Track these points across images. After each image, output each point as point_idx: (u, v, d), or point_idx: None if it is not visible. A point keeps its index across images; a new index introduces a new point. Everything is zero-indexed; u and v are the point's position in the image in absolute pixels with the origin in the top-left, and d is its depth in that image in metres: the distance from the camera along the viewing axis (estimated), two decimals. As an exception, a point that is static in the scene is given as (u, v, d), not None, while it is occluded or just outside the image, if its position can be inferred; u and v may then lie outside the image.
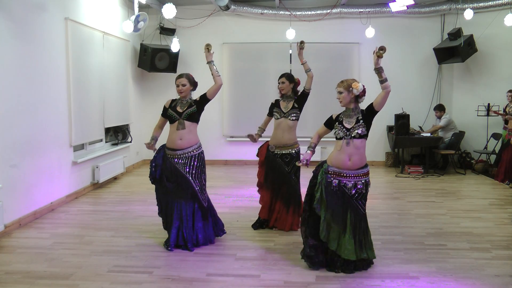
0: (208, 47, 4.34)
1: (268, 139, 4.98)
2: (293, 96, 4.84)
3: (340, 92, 3.69)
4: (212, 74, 4.33)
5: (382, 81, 3.59)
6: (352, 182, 3.63)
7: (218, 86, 4.33)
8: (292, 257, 4.02)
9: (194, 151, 4.30)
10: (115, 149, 7.61)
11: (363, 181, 3.66)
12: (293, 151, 4.81)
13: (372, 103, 3.68)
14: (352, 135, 3.63)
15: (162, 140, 4.40)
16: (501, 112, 7.65)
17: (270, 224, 4.87)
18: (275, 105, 4.88)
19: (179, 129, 4.24)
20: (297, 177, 4.84)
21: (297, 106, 4.78)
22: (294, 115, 4.77)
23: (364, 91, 3.69)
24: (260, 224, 4.90)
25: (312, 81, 4.77)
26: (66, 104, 6.03)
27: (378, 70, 3.57)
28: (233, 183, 7.29)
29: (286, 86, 4.80)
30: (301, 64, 4.77)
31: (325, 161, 3.78)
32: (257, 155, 5.05)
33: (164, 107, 4.42)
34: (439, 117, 8.48)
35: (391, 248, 4.25)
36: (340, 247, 3.63)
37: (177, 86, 4.32)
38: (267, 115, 5.02)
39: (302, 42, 4.81)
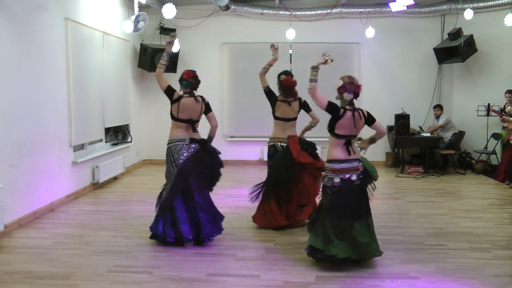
0: (172, 35, 4.40)
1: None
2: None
3: None
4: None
5: (310, 79, 3.75)
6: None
7: (155, 76, 4.35)
8: (292, 257, 4.02)
9: (168, 144, 4.42)
10: (115, 149, 7.61)
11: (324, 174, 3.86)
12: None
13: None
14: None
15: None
16: (498, 111, 7.62)
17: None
18: None
19: None
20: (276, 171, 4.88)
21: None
22: None
23: (342, 88, 3.73)
24: None
25: (261, 78, 5.01)
26: (66, 104, 6.03)
27: (314, 69, 3.74)
28: (233, 183, 7.28)
29: None
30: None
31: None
32: None
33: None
34: (438, 116, 8.49)
35: (391, 248, 4.25)
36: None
37: None
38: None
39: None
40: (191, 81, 4.37)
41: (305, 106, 4.93)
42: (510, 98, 7.47)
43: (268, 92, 4.96)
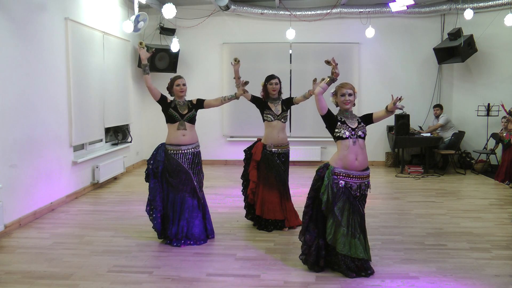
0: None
1: (254, 139, 5.10)
2: (279, 98, 4.96)
3: (350, 94, 3.70)
4: (225, 100, 4.55)
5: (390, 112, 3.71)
6: (357, 184, 3.61)
7: (217, 106, 4.64)
8: (292, 257, 4.02)
9: (196, 148, 4.50)
10: (115, 149, 7.61)
11: (366, 183, 3.68)
12: (287, 150, 4.97)
13: (372, 114, 3.76)
14: (358, 135, 3.65)
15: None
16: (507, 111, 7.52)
17: (286, 224, 4.85)
18: (265, 107, 4.91)
19: (180, 129, 4.41)
20: (287, 175, 4.99)
21: (285, 108, 4.94)
22: (286, 116, 4.96)
23: None
24: (274, 226, 4.86)
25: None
26: (66, 104, 6.03)
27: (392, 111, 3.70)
28: (233, 183, 7.27)
29: (279, 87, 4.92)
30: (309, 94, 4.79)
31: (328, 164, 3.74)
32: (246, 156, 5.06)
33: (166, 98, 4.57)
34: (438, 116, 8.49)
35: (391, 248, 4.25)
36: (351, 248, 3.57)
37: (178, 85, 4.49)
38: (251, 98, 4.97)
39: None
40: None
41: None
42: None
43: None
